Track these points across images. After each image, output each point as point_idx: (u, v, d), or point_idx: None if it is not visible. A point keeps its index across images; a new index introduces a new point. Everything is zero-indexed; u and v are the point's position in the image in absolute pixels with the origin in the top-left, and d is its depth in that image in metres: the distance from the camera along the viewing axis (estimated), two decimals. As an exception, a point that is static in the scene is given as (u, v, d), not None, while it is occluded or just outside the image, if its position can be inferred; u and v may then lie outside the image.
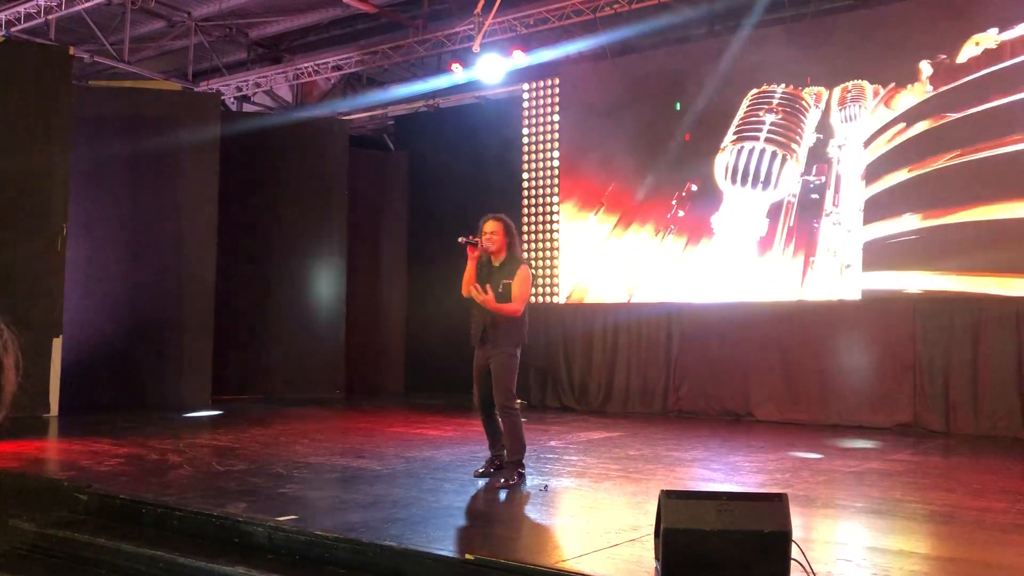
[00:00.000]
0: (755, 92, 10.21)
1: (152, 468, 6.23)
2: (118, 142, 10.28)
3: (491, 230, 5.72)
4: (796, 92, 9.96)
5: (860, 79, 9.48)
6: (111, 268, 10.28)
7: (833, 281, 9.33)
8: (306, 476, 5.89)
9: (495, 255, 5.77)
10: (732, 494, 3.65)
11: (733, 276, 9.92)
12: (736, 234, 10.09)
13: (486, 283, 5.64)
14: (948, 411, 8.56)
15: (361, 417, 10.32)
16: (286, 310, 12.01)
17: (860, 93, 9.51)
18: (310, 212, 12.21)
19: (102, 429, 8.09)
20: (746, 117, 10.32)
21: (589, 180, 11.07)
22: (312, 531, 4.24)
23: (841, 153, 9.57)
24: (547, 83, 11.60)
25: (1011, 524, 4.69)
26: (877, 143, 9.32)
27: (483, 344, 5.73)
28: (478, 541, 4.12)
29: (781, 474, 6.20)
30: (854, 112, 9.53)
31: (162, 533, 4.69)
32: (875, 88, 9.35)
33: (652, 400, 10.35)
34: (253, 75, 13.26)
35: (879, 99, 9.32)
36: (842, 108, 9.61)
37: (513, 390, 5.71)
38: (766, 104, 10.19)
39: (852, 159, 9.48)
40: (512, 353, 5.69)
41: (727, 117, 10.22)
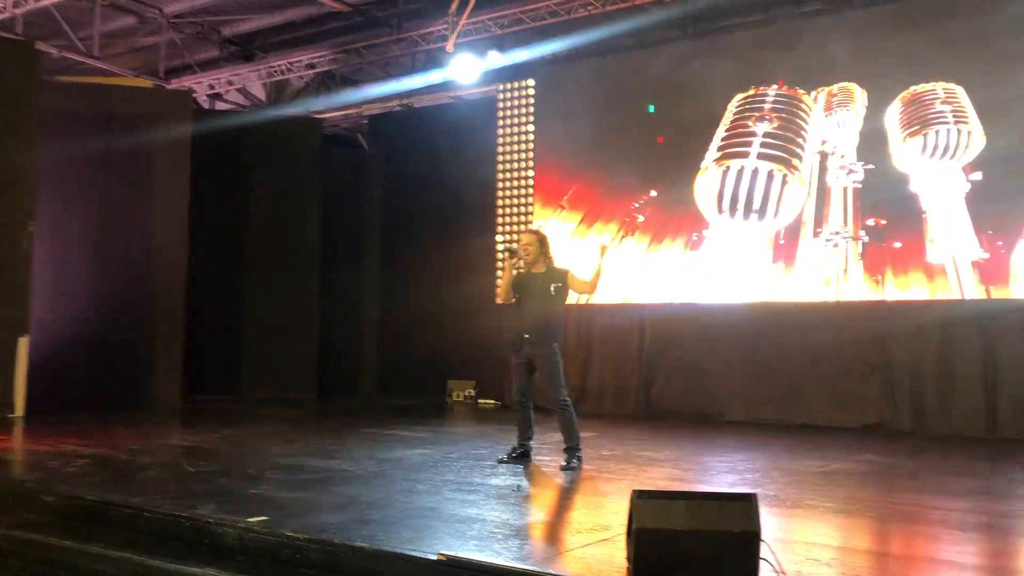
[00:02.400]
0: (742, 97, 9.32)
1: (121, 469, 6.17)
2: (88, 139, 10.15)
3: (527, 242, 6.40)
4: (793, 93, 8.97)
5: (849, 81, 9.13)
6: (80, 267, 10.15)
7: (805, 284, 9.38)
8: (277, 477, 5.86)
9: (534, 267, 6.39)
10: (703, 494, 3.69)
11: (708, 278, 9.93)
12: (725, 260, 9.24)
13: (531, 291, 6.31)
14: (915, 412, 8.67)
15: (334, 417, 10.28)
16: (258, 309, 11.93)
17: (847, 96, 9.11)
18: (284, 211, 12.14)
19: (70, 430, 7.99)
20: (733, 128, 9.10)
21: (563, 180, 11.08)
22: (283, 532, 4.21)
23: (828, 162, 9.09)
24: (522, 84, 11.61)
25: (975, 523, 4.77)
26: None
27: (524, 346, 6.29)
28: (450, 541, 4.11)
29: (751, 474, 6.26)
30: (843, 117, 9.11)
31: (130, 535, 4.64)
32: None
33: (624, 400, 10.39)
34: (226, 73, 13.15)
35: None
36: (829, 113, 9.17)
37: (565, 384, 6.37)
38: (756, 111, 9.04)
39: (841, 168, 9.02)
40: (557, 350, 6.33)
41: (708, 123, 9.70)
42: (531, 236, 6.46)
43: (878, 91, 9.10)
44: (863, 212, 9.04)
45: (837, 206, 9.12)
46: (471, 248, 12.04)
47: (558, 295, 6.32)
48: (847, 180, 9.06)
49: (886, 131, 9.02)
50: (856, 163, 9.08)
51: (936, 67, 8.79)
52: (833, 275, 9.09)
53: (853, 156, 9.13)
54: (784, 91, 9.20)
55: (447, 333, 12.18)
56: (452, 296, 12.16)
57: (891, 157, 8.99)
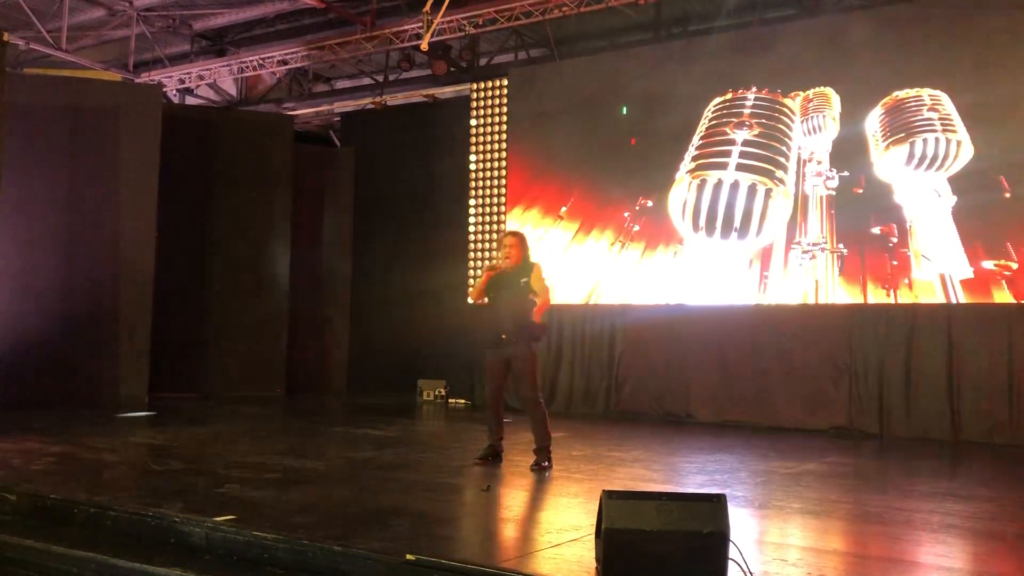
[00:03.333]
0: (720, 101, 8.95)
1: (86, 467, 6.09)
2: (54, 132, 10.00)
3: (510, 243, 6.37)
4: (775, 96, 8.51)
5: (825, 86, 8.96)
6: (45, 261, 9.98)
7: (775, 287, 9.46)
8: (245, 476, 5.80)
9: (512, 267, 6.36)
10: (672, 495, 3.70)
11: (677, 280, 9.98)
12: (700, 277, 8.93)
13: (503, 289, 6.25)
14: (882, 414, 8.78)
15: (303, 416, 10.21)
16: (227, 306, 11.82)
17: (824, 102, 8.93)
18: (254, 208, 12.05)
19: (33, 427, 7.86)
20: (709, 135, 8.61)
21: (536, 180, 11.09)
22: (251, 531, 4.18)
23: (806, 169, 8.89)
24: (495, 83, 11.61)
25: (940, 524, 4.84)
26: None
27: (501, 346, 6.28)
28: (420, 541, 4.10)
29: (720, 475, 6.30)
30: (818, 123, 8.92)
31: (95, 534, 4.58)
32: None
33: (594, 401, 10.42)
34: (196, 67, 13.03)
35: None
36: (804, 119, 8.97)
37: (539, 383, 6.45)
38: (735, 116, 8.46)
39: (817, 175, 8.84)
40: (534, 350, 6.32)
41: (682, 126, 9.53)
42: (513, 238, 6.43)
43: (854, 96, 8.94)
44: (839, 222, 8.89)
45: (814, 215, 8.88)
46: (442, 248, 12.02)
47: (526, 288, 6.29)
48: (824, 189, 8.82)
49: (866, 138, 8.83)
50: (832, 171, 8.89)
51: (915, 72, 8.57)
52: (811, 288, 8.97)
53: (828, 163, 8.96)
54: (765, 95, 8.76)
55: (418, 332, 12.15)
56: (423, 295, 12.14)
57: (873, 166, 8.81)
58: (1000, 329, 8.27)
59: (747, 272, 9.47)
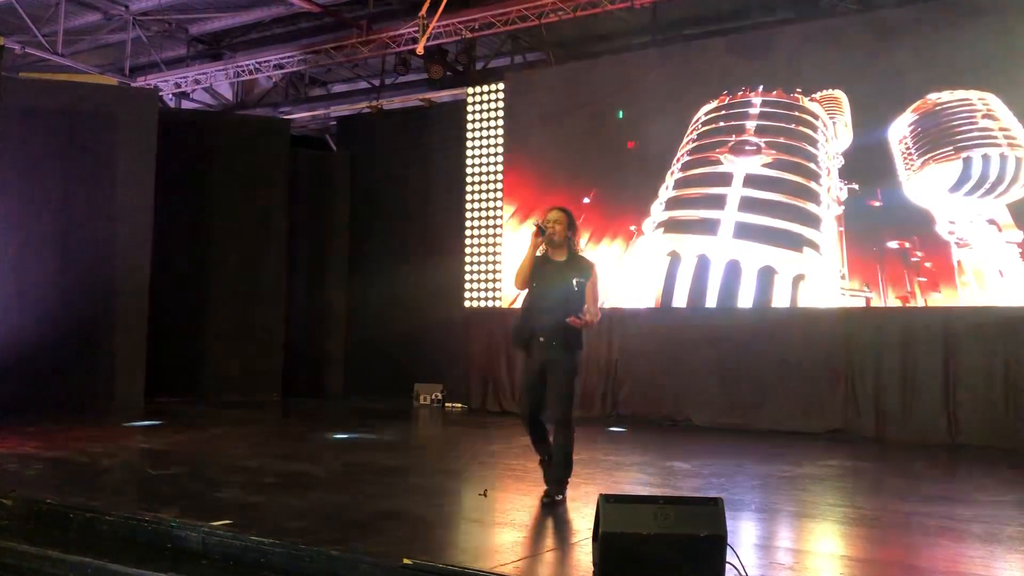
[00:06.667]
0: (711, 109, 8.73)
1: (82, 472, 6.07)
2: (50, 136, 10.01)
3: (555, 219, 5.33)
4: (792, 100, 7.35)
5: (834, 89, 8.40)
6: (41, 265, 9.98)
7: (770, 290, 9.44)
8: (242, 480, 5.79)
9: (555, 251, 5.36)
10: (669, 498, 3.71)
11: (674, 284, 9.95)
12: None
13: (549, 280, 5.26)
14: (878, 418, 8.77)
15: (300, 420, 10.20)
16: (224, 310, 11.81)
17: (836, 106, 8.46)
18: (250, 212, 12.03)
19: (30, 431, 7.84)
20: (693, 164, 7.87)
21: (533, 185, 11.09)
22: (247, 536, 4.17)
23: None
24: (491, 88, 11.61)
25: (935, 527, 4.85)
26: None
27: (537, 349, 5.22)
28: (416, 546, 4.10)
29: (717, 479, 6.30)
30: (830, 132, 8.25)
31: (91, 539, 4.57)
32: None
33: (592, 404, 10.40)
34: (193, 72, 13.02)
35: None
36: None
37: (575, 403, 5.31)
38: (734, 132, 7.37)
39: (827, 190, 8.25)
40: (579, 360, 5.28)
41: (679, 129, 9.50)
42: (559, 213, 5.36)
43: (871, 99, 8.11)
44: (851, 242, 8.18)
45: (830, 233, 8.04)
46: (439, 252, 12.01)
47: (581, 292, 5.19)
48: (837, 207, 7.85)
49: (889, 150, 7.79)
50: (841, 183, 8.11)
51: (957, 71, 7.24)
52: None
53: (837, 180, 8.22)
54: (776, 97, 7.26)
55: (414, 336, 12.14)
56: (419, 300, 12.13)
57: (901, 186, 7.83)
58: (996, 332, 8.27)
59: (745, 274, 9.41)
